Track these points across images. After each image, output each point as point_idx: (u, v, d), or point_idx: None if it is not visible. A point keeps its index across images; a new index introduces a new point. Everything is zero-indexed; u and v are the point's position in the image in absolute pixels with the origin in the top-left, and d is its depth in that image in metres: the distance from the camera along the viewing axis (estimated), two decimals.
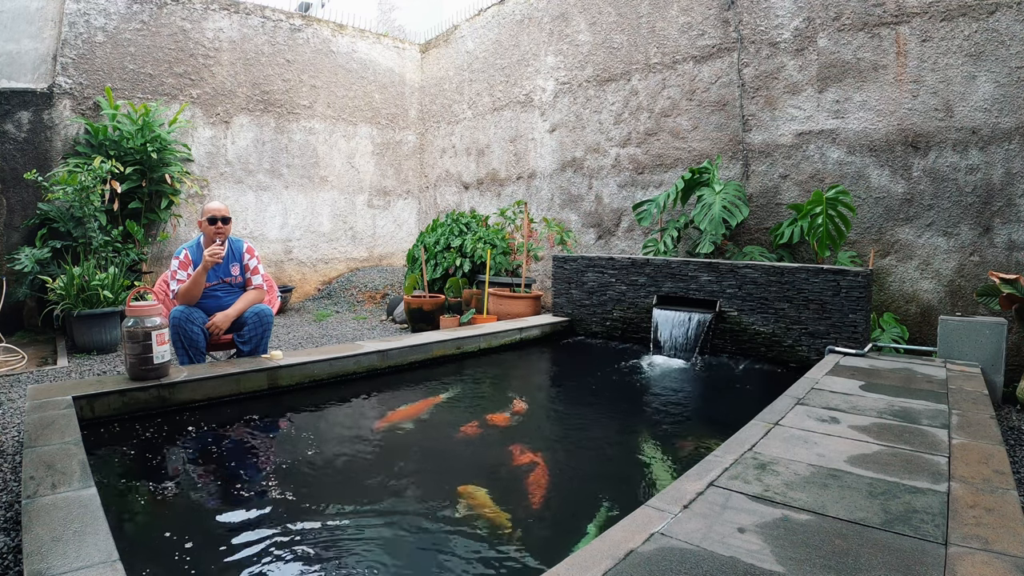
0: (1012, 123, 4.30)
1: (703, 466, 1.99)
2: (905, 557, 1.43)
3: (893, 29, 4.82)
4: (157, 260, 7.35)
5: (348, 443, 2.85)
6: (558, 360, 4.88)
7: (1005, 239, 4.37)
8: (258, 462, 2.61)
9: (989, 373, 3.53)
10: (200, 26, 7.66)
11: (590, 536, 1.94)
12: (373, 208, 9.61)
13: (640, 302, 5.04)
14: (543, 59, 7.75)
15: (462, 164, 9.19)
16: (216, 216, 3.61)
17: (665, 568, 1.37)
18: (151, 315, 2.95)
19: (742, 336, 4.51)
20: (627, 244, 6.84)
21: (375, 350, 3.91)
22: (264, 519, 2.05)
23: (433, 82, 9.73)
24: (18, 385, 4.23)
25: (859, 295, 3.97)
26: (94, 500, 1.71)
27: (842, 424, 2.44)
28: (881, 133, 4.91)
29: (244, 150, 8.16)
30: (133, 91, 7.17)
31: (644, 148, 6.60)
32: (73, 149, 6.68)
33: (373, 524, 2.04)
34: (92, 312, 5.34)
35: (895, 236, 4.88)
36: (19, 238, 6.36)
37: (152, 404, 2.95)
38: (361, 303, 8.41)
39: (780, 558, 1.42)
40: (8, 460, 2.79)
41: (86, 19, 6.86)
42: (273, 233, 8.52)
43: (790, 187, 5.47)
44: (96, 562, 1.40)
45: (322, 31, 8.81)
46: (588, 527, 2.02)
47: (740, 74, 5.74)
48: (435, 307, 6.38)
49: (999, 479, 1.88)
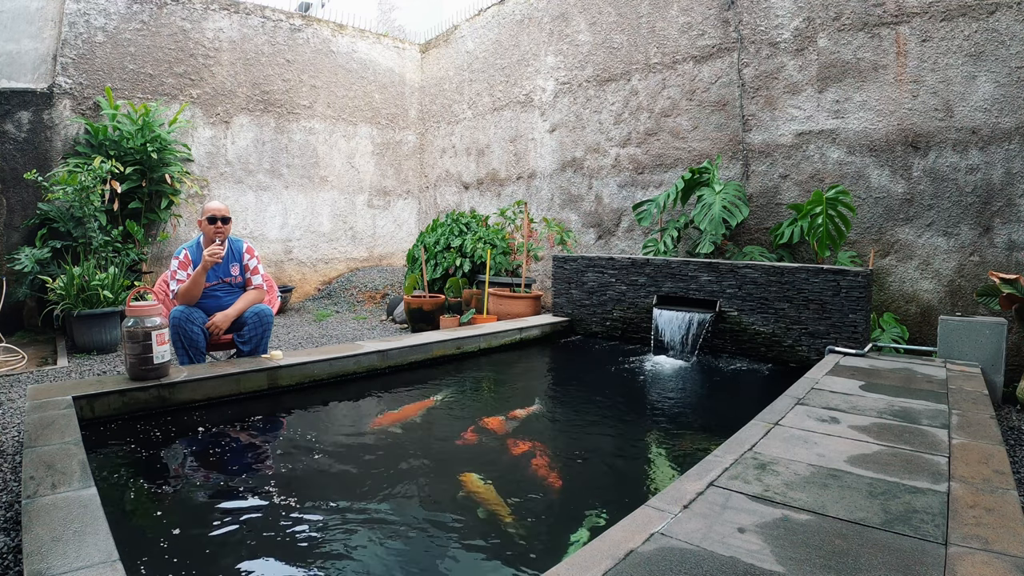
0: (1012, 123, 4.30)
1: (703, 466, 1.99)
2: (905, 557, 1.43)
3: (893, 29, 4.82)
4: (157, 260, 7.35)
5: (348, 443, 2.85)
6: (558, 360, 4.88)
7: (1005, 239, 4.37)
8: (258, 462, 2.61)
9: (989, 373, 3.53)
10: (200, 26, 7.66)
11: (578, 544, 1.91)
12: (373, 208, 9.61)
13: (640, 302, 5.04)
14: (543, 59, 7.75)
15: (462, 164, 9.19)
16: (216, 216, 3.61)
17: (665, 568, 1.37)
18: (151, 315, 2.95)
19: (742, 336, 4.51)
20: (627, 244, 6.84)
21: (375, 350, 3.91)
22: (264, 519, 2.05)
23: (433, 82, 9.73)
24: (18, 385, 4.23)
25: (859, 295, 3.97)
26: (94, 500, 1.71)
27: (842, 424, 2.44)
28: (881, 133, 4.91)
29: (244, 150, 8.16)
30: (133, 91, 7.17)
31: (644, 148, 6.60)
32: (73, 149, 6.68)
33: (371, 524, 2.04)
34: (92, 312, 5.34)
35: (895, 236, 4.88)
36: (19, 238, 6.36)
37: (152, 404, 2.95)
38: (361, 303, 8.41)
39: (780, 558, 1.42)
40: (8, 460, 2.79)
41: (86, 19, 6.86)
42: (273, 233, 8.52)
43: (790, 187, 5.47)
44: (96, 562, 1.40)
45: (322, 31, 8.81)
46: (579, 529, 2.01)
47: (740, 74, 5.74)
48: (435, 307, 6.38)
49: (999, 479, 1.89)
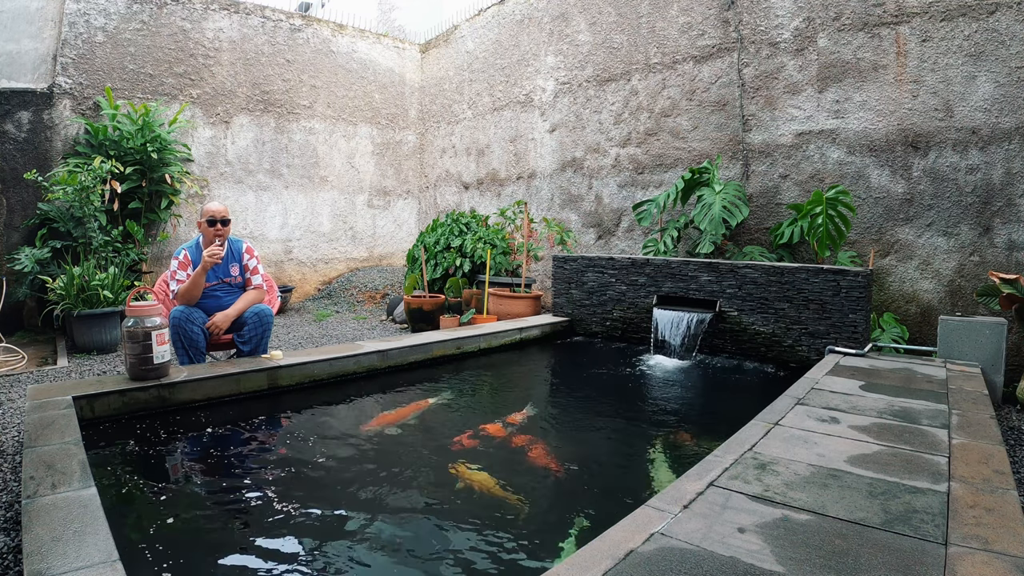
0: (1012, 123, 4.30)
1: (703, 466, 1.99)
2: (905, 557, 1.43)
3: (893, 29, 4.82)
4: (157, 260, 7.35)
5: (348, 444, 2.85)
6: (558, 360, 4.88)
7: (1005, 239, 4.37)
8: (258, 462, 2.61)
9: (989, 373, 3.53)
10: (200, 26, 7.66)
11: (566, 552, 1.88)
12: (373, 208, 9.60)
13: (640, 302, 5.04)
14: (543, 59, 7.74)
15: (462, 164, 9.18)
16: (215, 218, 3.60)
17: (665, 568, 1.37)
18: (151, 315, 2.95)
19: (742, 336, 4.51)
20: (627, 244, 6.84)
21: (375, 350, 3.91)
22: (264, 519, 2.05)
23: (433, 82, 9.73)
24: (18, 385, 4.23)
25: (859, 295, 3.97)
26: (94, 500, 1.71)
27: (842, 424, 2.44)
28: (881, 133, 4.91)
29: (244, 150, 8.16)
30: (133, 91, 7.17)
31: (644, 148, 6.60)
32: (73, 149, 6.67)
33: (371, 524, 2.04)
34: (92, 312, 5.34)
35: (895, 236, 4.88)
36: (19, 238, 6.36)
37: (152, 404, 2.95)
38: (361, 303, 8.41)
39: (780, 558, 1.42)
40: (8, 460, 2.79)
41: (86, 19, 6.86)
42: (273, 233, 8.52)
43: (790, 187, 5.47)
44: (96, 562, 1.40)
45: (322, 31, 8.80)
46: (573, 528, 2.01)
47: (740, 74, 5.74)
48: (435, 307, 6.38)
49: (999, 479, 1.89)
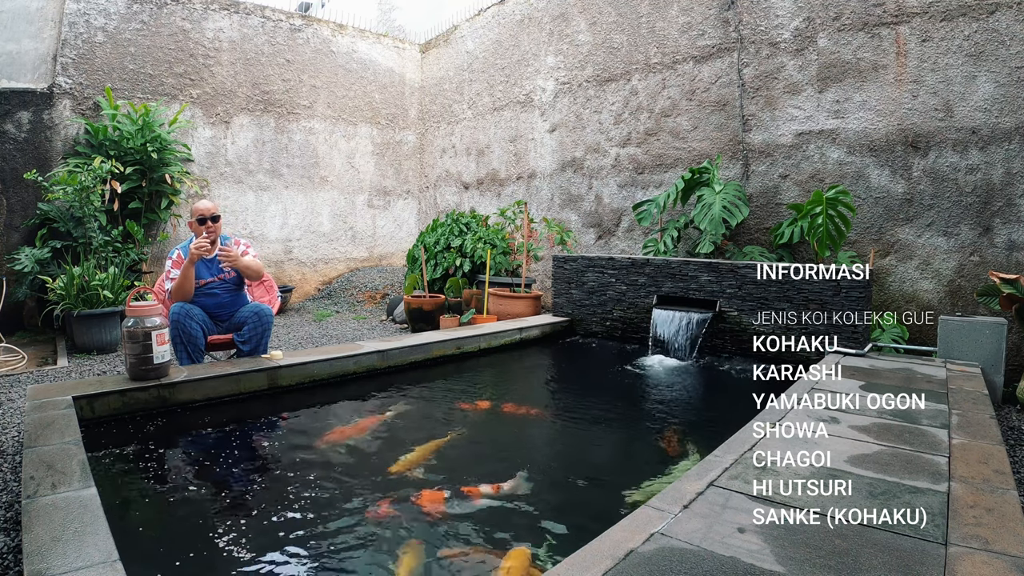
0: (1012, 123, 4.30)
1: (703, 466, 1.98)
2: (905, 557, 1.43)
3: (893, 29, 4.81)
4: (157, 260, 7.35)
5: (348, 443, 2.84)
6: (558, 360, 4.88)
7: (1005, 239, 4.37)
8: (258, 462, 2.61)
9: (989, 373, 3.52)
10: (200, 26, 7.65)
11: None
12: (373, 208, 9.60)
13: (640, 302, 5.04)
14: (543, 59, 7.74)
15: (462, 164, 9.18)
16: (205, 215, 3.60)
17: (665, 568, 1.37)
18: (151, 315, 2.95)
19: (742, 336, 4.51)
20: (627, 244, 6.84)
21: (375, 350, 3.91)
22: (264, 519, 2.05)
23: (433, 82, 9.73)
24: (18, 385, 4.23)
25: (859, 295, 3.97)
26: (94, 500, 1.70)
27: (842, 424, 2.44)
28: (881, 133, 4.91)
29: (244, 150, 8.15)
30: (133, 91, 7.16)
31: (644, 148, 6.59)
32: (73, 149, 6.67)
33: (371, 524, 2.03)
34: (92, 312, 5.33)
35: (895, 236, 4.88)
36: (19, 238, 6.36)
37: (152, 404, 2.95)
38: (361, 303, 8.41)
39: (780, 558, 1.42)
40: (8, 460, 2.78)
41: (86, 19, 6.85)
42: (273, 233, 8.52)
43: (790, 187, 5.47)
44: (96, 562, 1.40)
45: (322, 31, 8.80)
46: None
47: (740, 74, 5.74)
48: (435, 307, 6.37)
49: (999, 479, 1.88)
